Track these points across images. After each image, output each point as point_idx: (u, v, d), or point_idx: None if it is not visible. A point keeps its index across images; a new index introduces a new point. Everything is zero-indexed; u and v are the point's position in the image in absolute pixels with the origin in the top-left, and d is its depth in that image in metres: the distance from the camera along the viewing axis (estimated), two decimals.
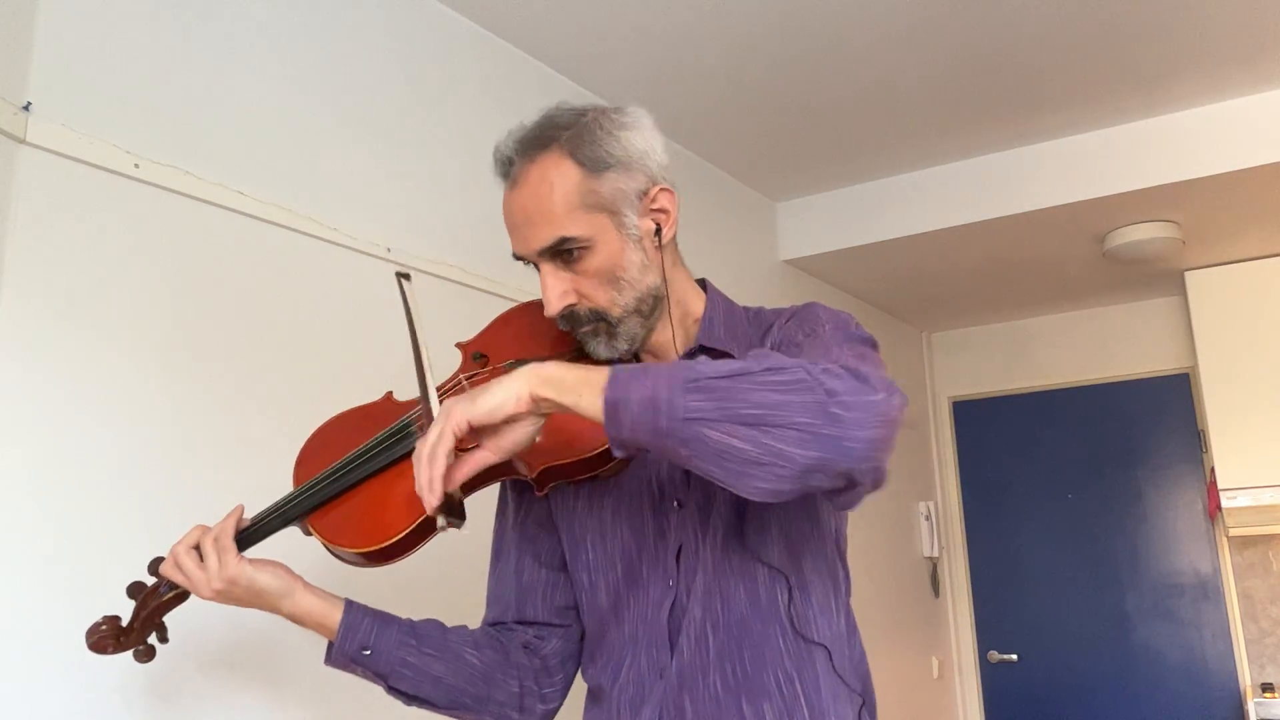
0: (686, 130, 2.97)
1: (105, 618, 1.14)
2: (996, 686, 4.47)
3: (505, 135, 1.14)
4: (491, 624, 1.27)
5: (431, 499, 0.94)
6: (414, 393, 1.14)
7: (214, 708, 1.56)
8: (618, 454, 0.94)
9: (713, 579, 1.11)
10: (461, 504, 0.99)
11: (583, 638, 1.26)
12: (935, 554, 4.42)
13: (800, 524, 1.14)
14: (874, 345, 1.11)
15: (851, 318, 1.14)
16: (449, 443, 0.93)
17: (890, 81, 2.75)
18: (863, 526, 3.86)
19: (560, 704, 1.26)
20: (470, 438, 0.96)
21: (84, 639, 1.13)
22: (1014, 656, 4.43)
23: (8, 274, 1.40)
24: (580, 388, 0.92)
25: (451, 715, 1.20)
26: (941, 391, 4.84)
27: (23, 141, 1.43)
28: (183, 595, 1.15)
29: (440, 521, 0.97)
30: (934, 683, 4.28)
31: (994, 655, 4.47)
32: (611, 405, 0.90)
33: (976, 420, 4.74)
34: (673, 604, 1.13)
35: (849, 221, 3.52)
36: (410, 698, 1.16)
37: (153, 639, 1.16)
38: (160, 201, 1.61)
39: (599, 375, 0.92)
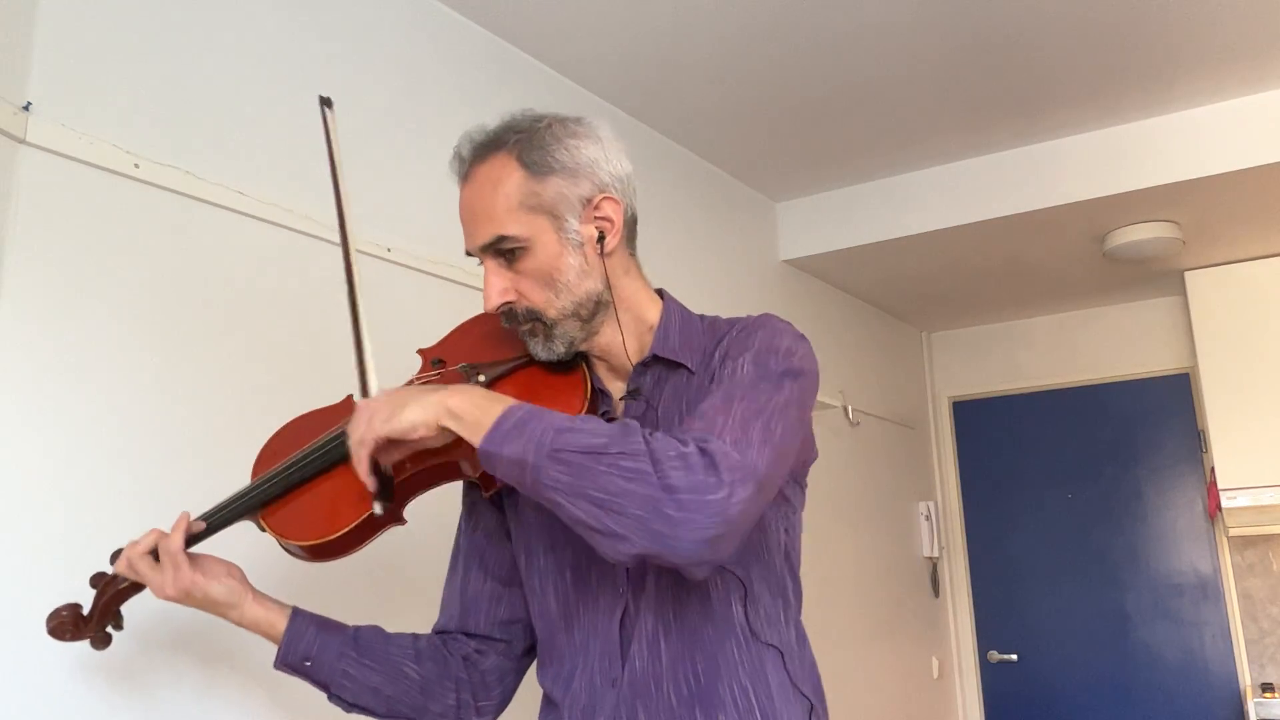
0: (686, 130, 2.96)
1: (67, 605, 1.17)
2: (996, 686, 4.47)
3: (464, 136, 1.18)
4: (439, 631, 1.29)
5: (370, 486, 1.04)
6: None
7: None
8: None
9: (665, 584, 1.11)
10: (391, 483, 1.06)
11: (526, 652, 1.29)
12: (935, 554, 4.42)
13: (751, 534, 1.11)
14: (796, 376, 1.06)
15: (787, 340, 1.10)
16: (370, 449, 1.02)
17: (890, 81, 2.75)
18: (863, 526, 3.86)
19: (495, 717, 1.28)
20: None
21: (44, 624, 1.15)
22: (1014, 656, 4.43)
23: (8, 274, 1.40)
24: (474, 429, 0.97)
25: None
26: (941, 391, 4.84)
27: (23, 141, 1.43)
28: (139, 585, 1.17)
29: (377, 508, 1.05)
30: (934, 683, 4.28)
31: (994, 655, 4.47)
32: (485, 456, 0.96)
33: (976, 420, 4.74)
34: (624, 612, 1.12)
35: (849, 221, 3.52)
36: (350, 705, 1.20)
37: (110, 628, 1.19)
38: (160, 201, 1.61)
39: (490, 420, 0.97)
